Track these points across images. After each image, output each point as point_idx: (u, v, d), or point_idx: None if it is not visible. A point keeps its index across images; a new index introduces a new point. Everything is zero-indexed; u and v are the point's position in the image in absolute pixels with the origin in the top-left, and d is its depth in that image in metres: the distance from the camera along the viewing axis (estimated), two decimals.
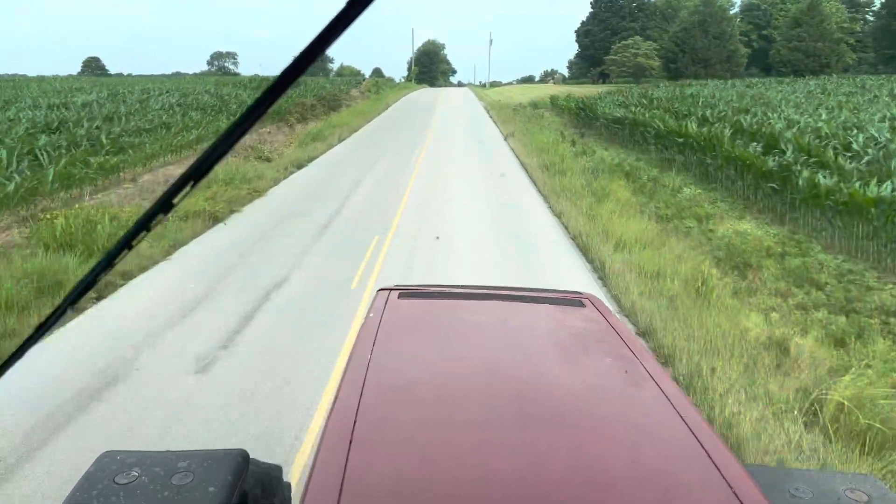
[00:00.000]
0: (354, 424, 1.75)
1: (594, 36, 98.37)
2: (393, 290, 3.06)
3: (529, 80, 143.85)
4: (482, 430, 1.80)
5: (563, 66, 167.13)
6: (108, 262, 0.79)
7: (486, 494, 1.53)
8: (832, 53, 74.78)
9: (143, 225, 0.77)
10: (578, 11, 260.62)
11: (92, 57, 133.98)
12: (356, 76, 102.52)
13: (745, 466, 1.69)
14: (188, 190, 0.75)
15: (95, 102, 32.44)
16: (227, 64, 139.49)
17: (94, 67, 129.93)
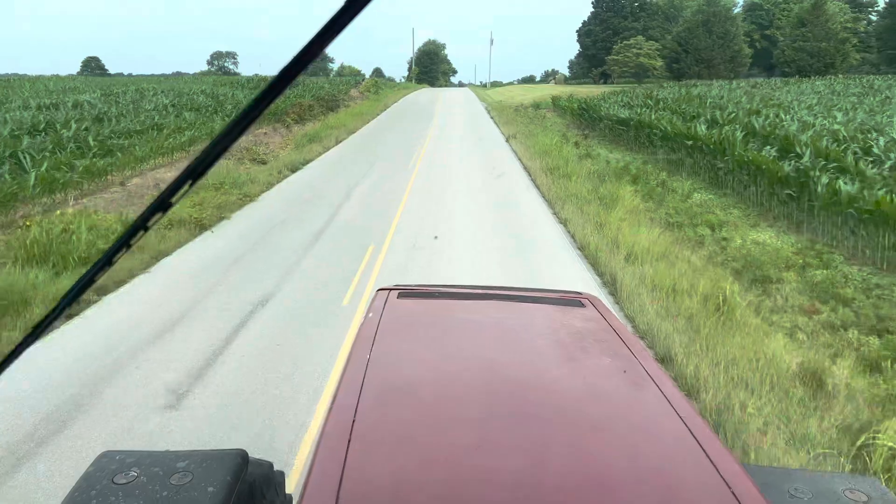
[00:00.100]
0: (353, 423, 1.72)
1: (596, 36, 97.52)
2: (392, 289, 3.01)
3: (530, 80, 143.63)
4: (481, 429, 1.76)
5: (564, 66, 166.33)
6: (107, 261, 0.80)
7: (484, 494, 1.50)
8: (837, 53, 73.90)
9: (141, 224, 0.78)
10: (580, 11, 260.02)
11: (91, 57, 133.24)
12: (357, 76, 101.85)
13: (743, 466, 1.65)
14: (186, 189, 0.76)
15: (87, 103, 31.65)
16: (227, 64, 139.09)
17: (93, 67, 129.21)
